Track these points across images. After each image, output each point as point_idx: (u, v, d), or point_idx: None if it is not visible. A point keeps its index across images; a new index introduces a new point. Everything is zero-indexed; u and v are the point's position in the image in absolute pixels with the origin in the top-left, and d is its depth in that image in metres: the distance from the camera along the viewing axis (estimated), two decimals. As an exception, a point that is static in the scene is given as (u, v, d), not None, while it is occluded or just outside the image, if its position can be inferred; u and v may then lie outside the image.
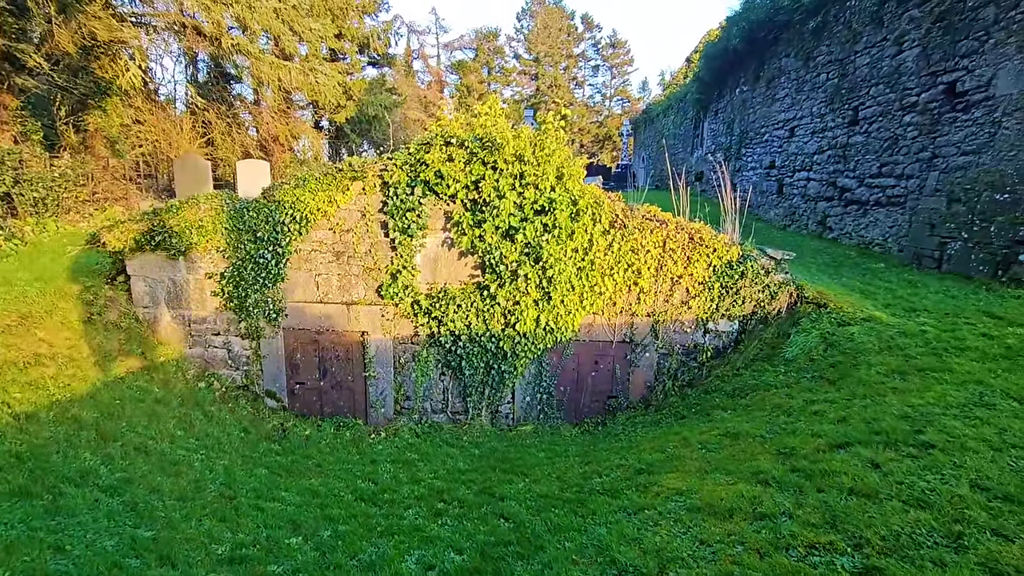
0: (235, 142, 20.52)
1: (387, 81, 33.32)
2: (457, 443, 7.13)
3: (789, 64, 12.84)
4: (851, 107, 10.29)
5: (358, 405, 7.73)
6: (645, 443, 5.64)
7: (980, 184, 7.15)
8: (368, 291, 7.34)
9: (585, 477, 5.05)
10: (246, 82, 22.19)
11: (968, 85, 7.52)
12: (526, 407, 7.50)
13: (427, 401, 7.63)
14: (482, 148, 6.61)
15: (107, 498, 4.57)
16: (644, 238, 6.90)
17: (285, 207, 7.04)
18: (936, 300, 6.53)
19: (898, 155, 8.93)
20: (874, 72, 9.61)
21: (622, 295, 7.09)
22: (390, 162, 6.93)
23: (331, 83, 19.70)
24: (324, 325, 7.48)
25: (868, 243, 9.66)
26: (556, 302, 6.94)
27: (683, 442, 5.09)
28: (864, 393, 4.67)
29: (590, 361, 7.34)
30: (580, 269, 6.94)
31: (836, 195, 10.76)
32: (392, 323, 7.39)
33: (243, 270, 7.25)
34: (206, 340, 7.59)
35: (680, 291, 7.06)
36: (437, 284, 7.26)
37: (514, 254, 6.82)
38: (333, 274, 7.32)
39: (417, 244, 7.11)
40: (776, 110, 13.50)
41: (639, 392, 7.34)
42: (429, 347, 7.41)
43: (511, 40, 49.48)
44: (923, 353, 5.12)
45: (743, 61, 15.21)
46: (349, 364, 7.64)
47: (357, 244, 7.20)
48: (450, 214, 7.03)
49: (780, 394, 5.44)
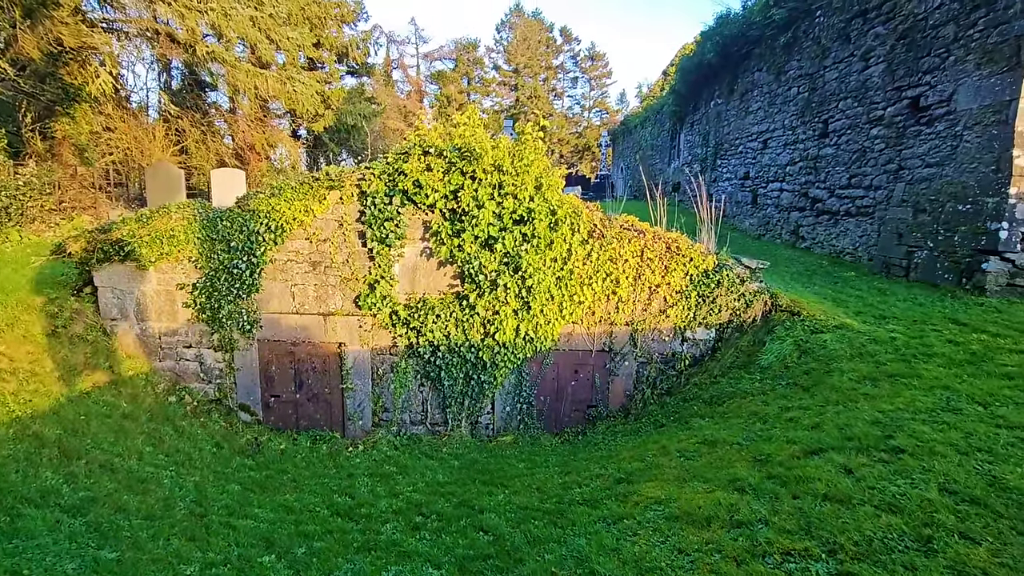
0: (210, 150, 20.19)
1: (366, 90, 33.23)
2: (436, 455, 7.05)
3: (761, 78, 13.18)
4: (821, 120, 10.59)
5: (335, 418, 7.59)
6: (624, 452, 5.64)
7: (944, 195, 7.40)
8: (345, 301, 7.24)
9: (565, 487, 5.03)
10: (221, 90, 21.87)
11: (931, 100, 7.81)
12: (506, 417, 7.46)
13: (406, 413, 7.54)
14: (461, 158, 6.61)
15: (69, 519, 4.39)
16: (622, 247, 6.96)
17: (260, 216, 6.93)
18: (905, 307, 6.71)
19: (866, 167, 9.20)
20: (842, 86, 9.91)
21: (601, 304, 7.12)
22: (368, 171, 6.88)
23: (309, 92, 19.56)
24: (300, 336, 7.35)
25: (839, 252, 9.91)
26: (535, 311, 6.94)
27: (662, 450, 5.11)
28: (837, 399, 4.76)
29: (570, 370, 7.35)
30: (559, 278, 6.96)
31: (808, 205, 11.03)
32: (370, 334, 7.30)
33: (216, 281, 7.09)
34: (177, 353, 7.39)
35: (658, 300, 7.13)
36: (416, 294, 7.21)
37: (493, 264, 6.81)
38: (310, 284, 7.22)
39: (395, 254, 7.05)
40: (750, 122, 13.82)
41: (618, 401, 7.36)
42: (408, 358, 7.33)
43: (491, 51, 49.87)
44: (893, 359, 5.25)
45: (717, 75, 15.57)
46: (326, 376, 7.51)
47: (334, 254, 7.12)
48: (429, 224, 7.00)
49: (756, 401, 5.51)
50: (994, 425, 3.64)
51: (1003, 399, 4.05)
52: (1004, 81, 6.64)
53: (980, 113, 6.97)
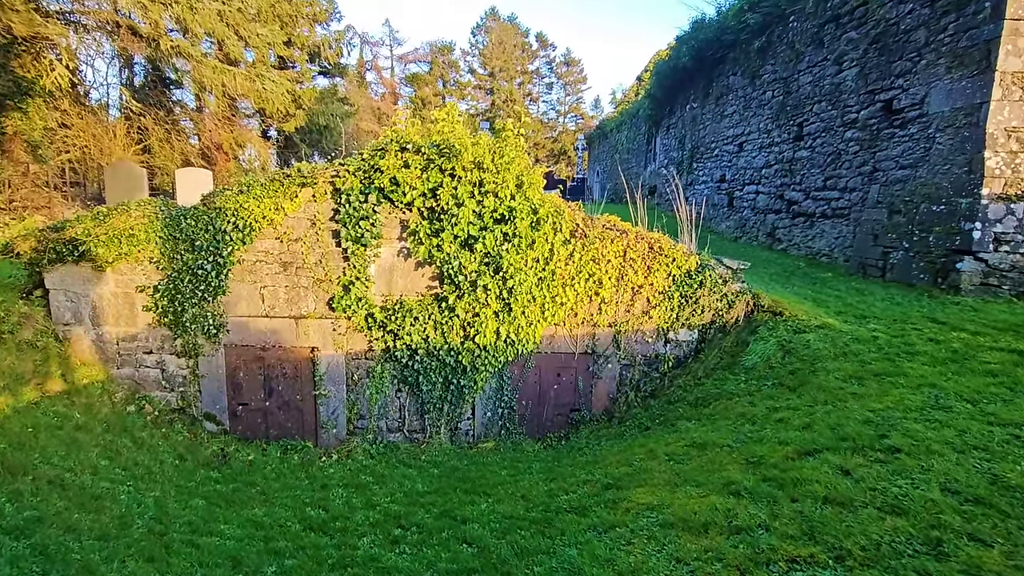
0: (175, 150, 19.48)
1: (339, 91, 32.68)
2: (415, 463, 6.78)
3: (736, 82, 13.33)
4: (796, 123, 10.72)
5: (307, 426, 7.25)
6: (611, 457, 5.49)
7: (918, 196, 7.51)
8: (318, 304, 6.93)
9: (551, 495, 4.84)
10: (187, 88, 21.13)
11: (904, 103, 7.94)
12: (487, 423, 7.24)
13: (382, 419, 7.25)
14: (439, 155, 6.40)
15: (12, 542, 3.99)
16: (605, 248, 6.84)
17: (227, 214, 6.58)
18: (884, 307, 6.75)
19: (841, 169, 9.33)
20: (817, 90, 10.06)
21: (583, 305, 6.99)
22: (342, 168, 6.60)
23: (279, 90, 19.05)
24: (270, 341, 7.00)
25: (816, 253, 10.02)
26: (517, 313, 6.76)
27: (649, 454, 4.97)
28: (825, 399, 4.70)
29: (552, 374, 7.18)
30: (541, 279, 6.80)
31: (784, 208, 11.15)
32: (344, 338, 7.00)
33: (179, 282, 6.70)
34: (137, 359, 6.95)
35: (641, 301, 7.03)
36: (393, 296, 6.94)
37: (473, 264, 6.61)
38: (280, 286, 6.88)
39: (371, 254, 6.78)
40: (725, 126, 13.96)
41: (602, 404, 7.22)
42: (384, 362, 7.06)
43: (466, 55, 49.72)
44: (877, 359, 5.23)
45: (693, 79, 15.71)
46: (297, 382, 7.17)
47: (306, 254, 6.81)
48: (406, 223, 6.76)
49: (743, 402, 5.43)
50: (986, 423, 3.60)
51: (990, 396, 4.03)
52: (975, 84, 6.77)
53: (952, 115, 7.10)
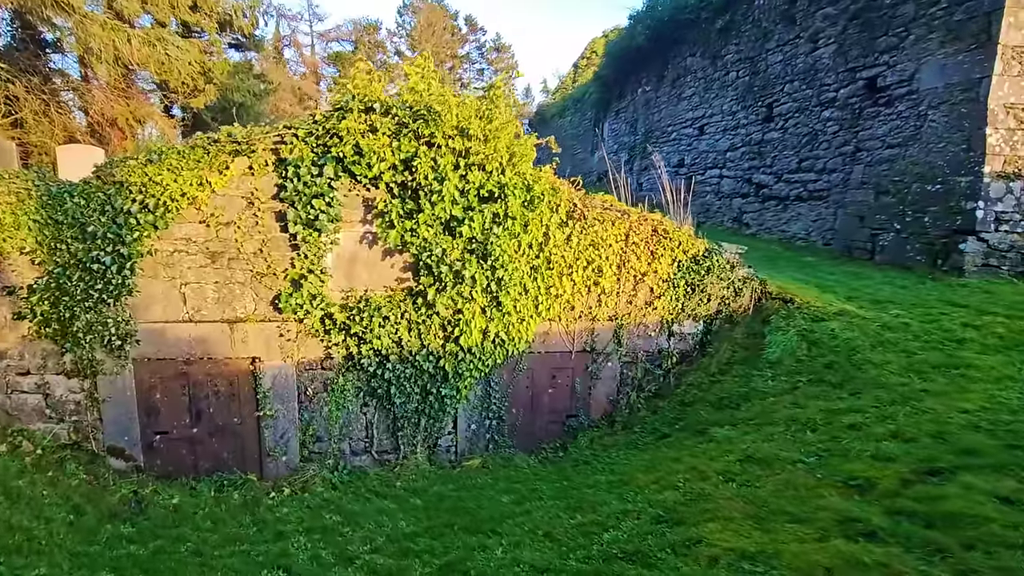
0: (55, 125, 16.48)
1: (254, 67, 29.72)
2: (390, 492, 5.61)
3: (695, 63, 12.94)
4: (765, 104, 10.41)
5: (249, 455, 5.86)
6: (638, 474, 4.66)
7: (909, 176, 7.27)
8: (260, 303, 5.55)
9: (584, 532, 3.92)
10: (71, 53, 18.01)
11: (890, 80, 7.69)
12: (471, 437, 6.20)
13: (345, 441, 6.00)
14: (415, 118, 5.22)
15: None
16: (605, 231, 5.98)
17: (131, 191, 5.04)
18: (892, 291, 6.41)
19: (818, 150, 9.07)
20: (788, 69, 9.75)
21: (581, 297, 6.10)
22: (289, 132, 5.25)
23: (185, 59, 16.61)
24: (196, 352, 5.53)
25: (790, 237, 9.76)
26: (508, 308, 5.75)
27: (695, 473, 4.17)
28: (892, 398, 4.11)
29: (546, 376, 6.25)
30: (534, 268, 5.83)
31: (752, 191, 10.86)
32: (295, 344, 5.67)
33: (66, 281, 5.08)
34: (7, 383, 5.24)
35: (644, 290, 6.25)
36: (356, 291, 5.70)
37: (456, 251, 5.51)
38: (208, 283, 5.43)
39: (328, 241, 5.49)
40: (683, 108, 13.58)
41: (601, 408, 6.39)
42: (346, 372, 5.80)
43: (393, 36, 47.17)
44: (921, 348, 4.75)
45: (647, 60, 15.24)
46: (234, 402, 5.75)
47: (243, 242, 5.39)
48: (372, 202, 5.53)
49: (784, 402, 4.77)
50: (1117, 423, 3.09)
51: (1087, 389, 3.57)
52: (973, 59, 6.54)
53: (946, 92, 6.87)
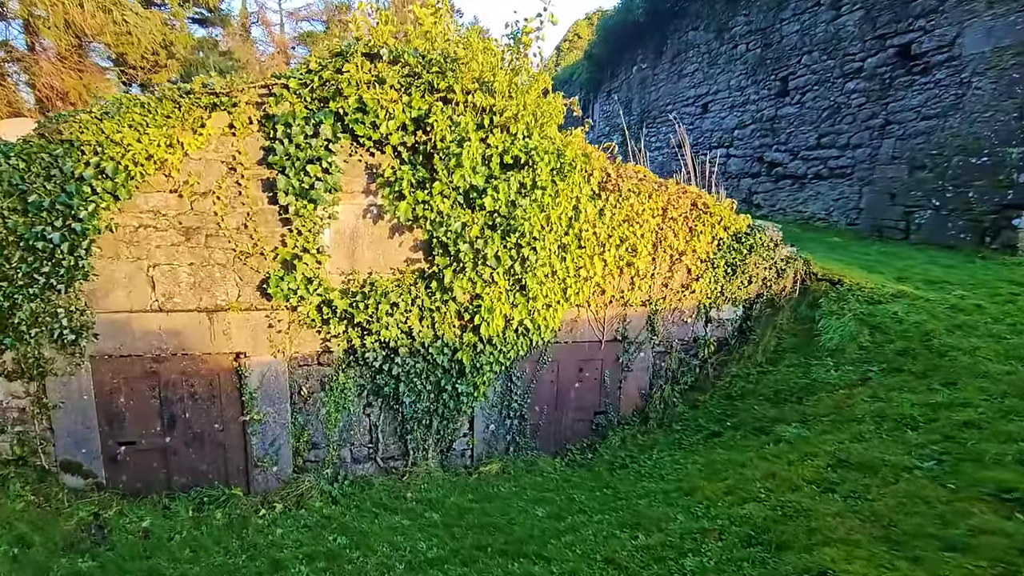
0: (-3, 98, 14.95)
1: (219, 44, 28.05)
2: (400, 505, 4.87)
3: (698, 37, 12.32)
4: (779, 78, 9.86)
5: (234, 466, 5.03)
6: (699, 481, 4.03)
7: (950, 148, 6.79)
8: (245, 289, 4.71)
9: (654, 556, 3.27)
10: (15, 20, 16.36)
11: (926, 46, 7.17)
12: (489, 439, 5.49)
13: (345, 447, 5.22)
14: (428, 66, 4.42)
15: None
16: (641, 204, 5.30)
17: (84, 152, 4.12)
18: (942, 271, 5.92)
19: (841, 124, 8.55)
20: (806, 40, 9.19)
21: (612, 280, 5.42)
22: (277, 83, 4.38)
23: (146, 27, 15.20)
24: (168, 346, 4.65)
25: (808, 218, 9.27)
26: (533, 292, 5.03)
27: (779, 482, 3.56)
28: (1002, 390, 3.56)
29: (573, 369, 5.57)
30: (563, 247, 5.11)
31: (764, 170, 10.34)
32: (287, 336, 4.84)
33: (3, 262, 4.14)
34: (-69, 389, 4.29)
35: (681, 272, 5.61)
36: (358, 274, 4.89)
37: (476, 227, 4.75)
38: (182, 264, 4.55)
39: (325, 214, 4.66)
40: (684, 86, 12.97)
41: (632, 403, 5.76)
42: (348, 368, 5.01)
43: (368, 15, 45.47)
44: (1011, 332, 4.24)
45: (643, 37, 14.57)
46: (215, 405, 4.90)
47: (223, 215, 4.53)
48: (377, 169, 4.72)
49: (860, 395, 4.20)
50: None
51: None
52: (1027, 19, 6.05)
53: (995, 56, 6.38)
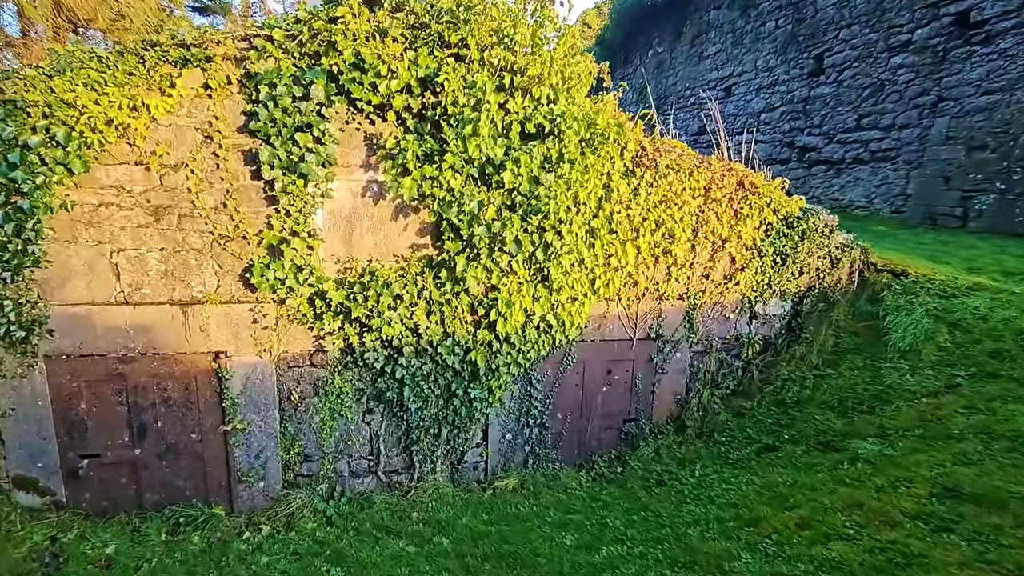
0: (-15, 83, 14.31)
1: (221, 33, 27.45)
2: (404, 527, 4.23)
3: (721, 17, 11.59)
4: (812, 55, 9.13)
5: (214, 481, 4.40)
6: (761, 507, 3.37)
7: (1016, 126, 6.08)
8: (225, 278, 4.06)
9: (722, 610, 2.62)
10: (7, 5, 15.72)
11: (988, 13, 6.45)
12: (505, 449, 4.84)
13: (342, 459, 4.58)
14: (437, 15, 3.76)
15: None
16: (681, 183, 4.64)
17: (30, 115, 3.47)
18: (1017, 262, 5.24)
19: (885, 103, 7.83)
20: (844, 12, 8.46)
21: (647, 270, 4.76)
22: (259, 34, 3.72)
23: (142, 7, 14.53)
24: (136, 345, 4.02)
25: (845, 206, 8.57)
26: (558, 283, 4.37)
27: (868, 514, 2.89)
28: None
29: (600, 371, 4.91)
30: (591, 231, 4.45)
31: (795, 156, 9.63)
32: (274, 333, 4.20)
33: (-64, 245, 3.51)
34: None
35: (723, 261, 4.94)
36: (356, 261, 4.24)
37: (493, 207, 4.09)
38: (151, 249, 3.91)
39: (318, 192, 4.01)
40: (705, 69, 12.24)
41: (666, 409, 5.10)
42: (344, 370, 4.37)
43: (370, 7, 44.77)
44: None
45: (659, 19, 13.83)
46: (191, 412, 4.27)
47: (198, 192, 3.88)
48: (378, 139, 4.06)
49: (952, 406, 3.52)
50: None
51: None
52: (1116, -24, 5.33)
53: (1074, 20, 5.66)
